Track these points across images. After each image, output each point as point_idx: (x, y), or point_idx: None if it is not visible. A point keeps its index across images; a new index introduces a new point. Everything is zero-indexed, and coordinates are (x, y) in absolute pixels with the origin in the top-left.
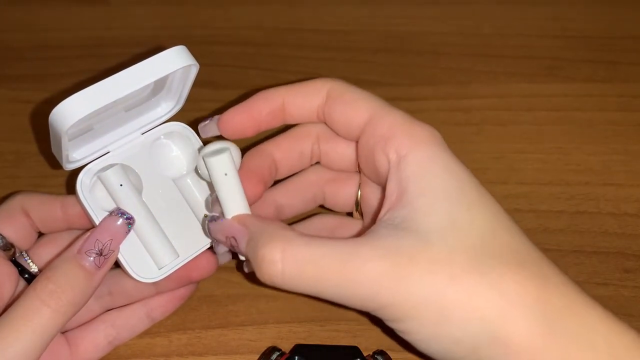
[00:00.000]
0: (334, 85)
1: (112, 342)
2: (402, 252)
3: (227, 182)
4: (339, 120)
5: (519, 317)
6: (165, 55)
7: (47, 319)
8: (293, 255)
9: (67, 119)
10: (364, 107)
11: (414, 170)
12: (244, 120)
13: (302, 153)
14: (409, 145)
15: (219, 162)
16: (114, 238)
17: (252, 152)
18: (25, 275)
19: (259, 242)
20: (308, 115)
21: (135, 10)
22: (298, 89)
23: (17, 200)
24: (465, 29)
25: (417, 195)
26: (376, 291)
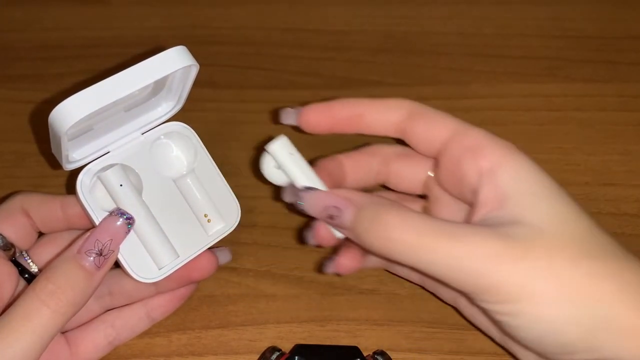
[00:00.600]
0: (415, 104)
1: (112, 342)
2: (517, 238)
3: (296, 161)
4: (420, 134)
5: (636, 304)
6: (165, 56)
7: (47, 319)
8: (412, 224)
9: (67, 119)
10: (446, 124)
11: (512, 175)
12: (322, 117)
13: (369, 169)
14: (500, 154)
15: (282, 144)
16: (114, 238)
17: (325, 159)
18: (25, 275)
19: (376, 211)
20: (385, 127)
21: (135, 10)
22: (380, 103)
23: (17, 200)
24: (465, 29)
25: (521, 195)
26: (487, 270)
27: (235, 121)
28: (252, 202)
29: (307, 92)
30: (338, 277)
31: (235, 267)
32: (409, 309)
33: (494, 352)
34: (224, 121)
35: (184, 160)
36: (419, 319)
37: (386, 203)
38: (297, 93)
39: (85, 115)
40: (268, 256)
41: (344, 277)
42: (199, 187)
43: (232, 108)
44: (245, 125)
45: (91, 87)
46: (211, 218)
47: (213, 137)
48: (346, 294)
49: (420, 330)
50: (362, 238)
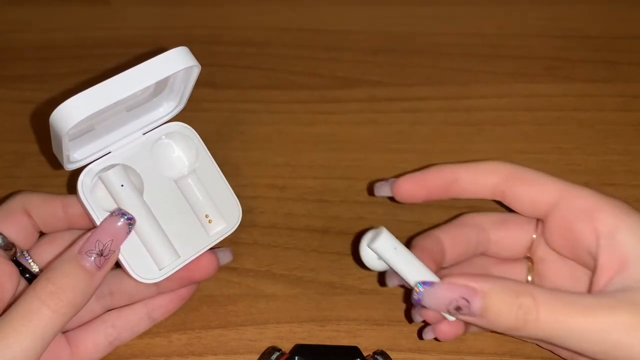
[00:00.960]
0: (511, 166)
1: (113, 342)
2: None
3: (401, 254)
4: (523, 197)
5: None
6: (167, 56)
7: (47, 319)
8: (545, 302)
9: (68, 120)
10: (552, 185)
11: (631, 238)
12: (417, 188)
13: (468, 242)
14: (616, 215)
15: (384, 241)
16: (115, 238)
17: (423, 236)
18: (26, 275)
19: (505, 295)
20: (482, 191)
21: (135, 10)
22: (475, 167)
23: (18, 199)
24: (465, 29)
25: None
26: (625, 342)
27: (235, 121)
28: (252, 202)
29: (307, 92)
30: (338, 277)
31: (235, 267)
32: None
33: (494, 352)
34: (224, 121)
35: (185, 161)
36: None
37: (510, 284)
38: (297, 93)
39: (87, 116)
40: (268, 256)
41: (344, 277)
42: (200, 187)
43: (232, 108)
44: (245, 125)
45: (92, 87)
46: (212, 218)
47: (213, 137)
48: (346, 294)
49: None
50: (495, 323)
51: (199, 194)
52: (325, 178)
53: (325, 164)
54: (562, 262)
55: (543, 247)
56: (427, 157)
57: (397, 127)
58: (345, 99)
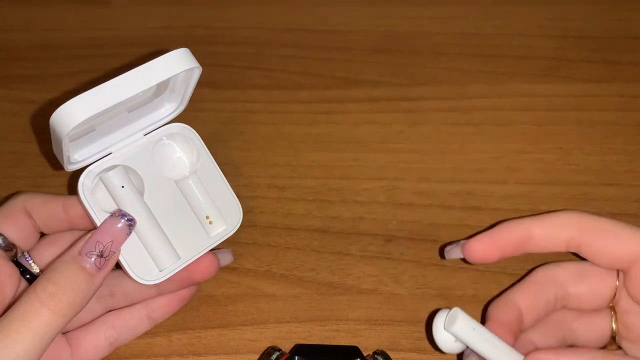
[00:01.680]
0: (584, 217)
1: (113, 343)
2: None
3: (481, 334)
4: (602, 250)
5: None
6: (168, 58)
7: (47, 320)
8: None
9: (69, 122)
10: (632, 237)
11: None
12: (489, 248)
13: (547, 301)
14: None
15: (463, 324)
16: (115, 240)
17: (498, 304)
18: (27, 275)
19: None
20: (556, 245)
21: (135, 10)
22: (547, 221)
23: (19, 200)
24: (465, 29)
25: None
26: None
27: (235, 121)
28: (252, 202)
29: (307, 92)
30: (338, 277)
31: (235, 267)
32: (409, 309)
33: None
34: (224, 121)
35: (186, 162)
36: (419, 319)
37: (596, 357)
38: (297, 93)
39: (87, 118)
40: (268, 256)
41: (344, 277)
42: (201, 188)
43: (232, 108)
44: (245, 125)
45: (93, 89)
46: (213, 220)
47: (213, 137)
48: (346, 294)
49: (420, 330)
50: None
51: (199, 195)
52: (325, 178)
53: (325, 164)
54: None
55: (626, 298)
56: (427, 157)
57: (397, 127)
58: (345, 99)
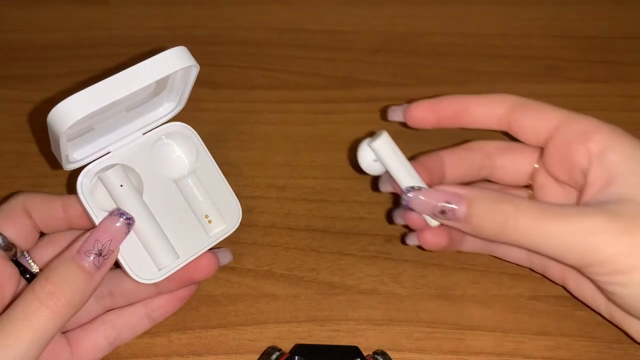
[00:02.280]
0: (518, 97)
1: (113, 342)
2: (622, 214)
3: (399, 158)
4: (527, 125)
5: None
6: (165, 56)
7: (46, 319)
8: (526, 209)
9: (66, 120)
10: (554, 113)
11: (620, 156)
12: (428, 113)
13: (471, 164)
14: (610, 137)
15: (384, 142)
16: (114, 238)
17: (425, 155)
18: (27, 275)
19: (489, 202)
20: (490, 120)
21: (135, 10)
22: (484, 97)
23: (19, 200)
24: (465, 29)
25: (628, 174)
26: (601, 242)
27: (235, 121)
28: (252, 202)
29: (308, 92)
30: (338, 277)
31: (235, 267)
32: (409, 309)
33: (494, 352)
34: (224, 121)
35: (186, 161)
36: (419, 319)
37: (496, 193)
38: (297, 93)
39: (85, 116)
40: (268, 256)
41: (344, 277)
42: (200, 187)
43: (232, 108)
44: (245, 125)
45: (91, 87)
46: (212, 219)
47: (213, 137)
48: (346, 294)
49: (420, 330)
50: (478, 228)
51: (198, 195)
52: (325, 178)
53: (325, 164)
54: (560, 189)
55: (543, 174)
56: None
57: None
58: (345, 99)
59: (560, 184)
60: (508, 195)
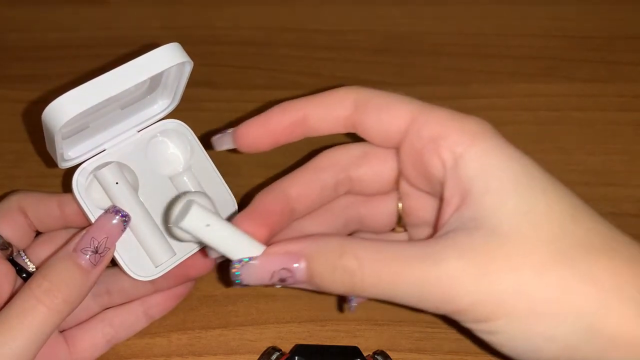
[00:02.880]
0: (360, 92)
1: (110, 340)
2: (478, 250)
3: (216, 230)
4: (373, 127)
5: (620, 309)
6: (158, 53)
7: (43, 317)
8: (369, 261)
9: (60, 117)
10: (402, 109)
11: (475, 167)
12: (261, 133)
13: (323, 187)
14: (462, 142)
15: (194, 219)
16: (110, 236)
17: (265, 191)
18: (23, 274)
19: (331, 258)
20: (333, 126)
21: (135, 10)
22: (320, 100)
23: (14, 199)
24: (465, 29)
25: (483, 192)
26: (456, 291)
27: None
28: None
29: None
30: None
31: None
32: (409, 309)
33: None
34: (224, 121)
35: (181, 158)
36: (419, 319)
37: (333, 243)
38: (297, 93)
39: (78, 114)
40: None
41: None
42: (196, 184)
43: (232, 108)
44: None
45: (84, 84)
46: None
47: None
48: None
49: (420, 330)
50: (324, 288)
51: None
52: None
53: None
54: (426, 196)
55: (403, 179)
56: None
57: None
58: None
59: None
60: (348, 244)
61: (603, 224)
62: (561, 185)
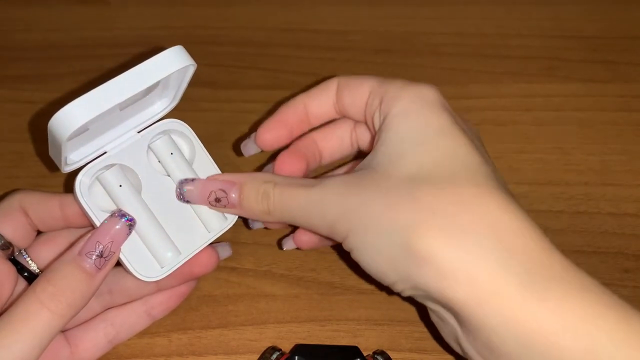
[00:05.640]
0: (340, 80)
1: (112, 340)
2: (353, 180)
3: (176, 160)
4: (348, 105)
5: (435, 232)
6: (164, 56)
7: (47, 321)
8: (280, 186)
9: (68, 126)
10: (365, 85)
11: (388, 122)
12: (278, 132)
13: (342, 138)
14: (393, 102)
15: (163, 145)
16: (115, 240)
17: (299, 138)
18: (25, 273)
19: (257, 183)
20: (328, 112)
21: (135, 10)
22: (313, 91)
23: (16, 198)
24: (465, 29)
25: (386, 143)
26: (327, 210)
27: (236, 121)
28: None
29: None
30: (338, 277)
31: (235, 267)
32: (409, 309)
33: None
34: (224, 121)
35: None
36: (419, 319)
37: (265, 175)
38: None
39: (86, 122)
40: (268, 256)
41: (344, 277)
42: None
43: (232, 108)
44: (246, 125)
45: (90, 92)
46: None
47: (213, 137)
48: (346, 293)
49: (420, 330)
50: (249, 211)
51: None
52: None
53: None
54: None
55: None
56: None
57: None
58: None
59: None
60: (274, 175)
61: (469, 167)
62: (470, 147)
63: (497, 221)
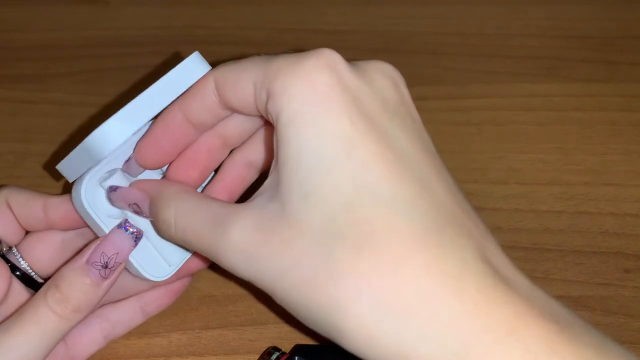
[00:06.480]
0: (216, 75)
1: (108, 336)
2: (266, 231)
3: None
4: (236, 105)
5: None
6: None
7: (54, 324)
8: (181, 217)
9: (107, 144)
10: (245, 79)
11: (280, 132)
12: (157, 152)
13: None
14: (280, 101)
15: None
16: (120, 252)
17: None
18: (17, 272)
19: (158, 205)
20: (217, 115)
21: (135, 10)
22: (187, 96)
23: (2, 194)
24: (465, 29)
25: (286, 163)
26: (236, 266)
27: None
28: None
29: None
30: None
31: None
32: None
33: None
34: None
35: None
36: None
37: (169, 193)
38: None
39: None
40: None
41: None
42: None
43: None
44: None
45: (125, 108)
46: None
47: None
48: None
49: None
50: (159, 230)
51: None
52: None
53: None
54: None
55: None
56: None
57: None
58: None
59: None
60: (175, 198)
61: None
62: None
63: (425, 287)
